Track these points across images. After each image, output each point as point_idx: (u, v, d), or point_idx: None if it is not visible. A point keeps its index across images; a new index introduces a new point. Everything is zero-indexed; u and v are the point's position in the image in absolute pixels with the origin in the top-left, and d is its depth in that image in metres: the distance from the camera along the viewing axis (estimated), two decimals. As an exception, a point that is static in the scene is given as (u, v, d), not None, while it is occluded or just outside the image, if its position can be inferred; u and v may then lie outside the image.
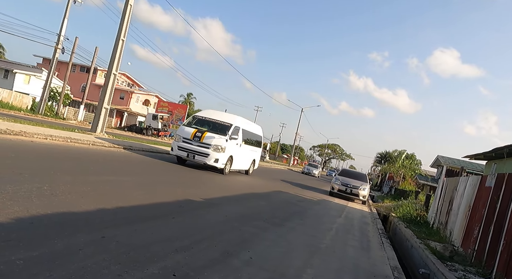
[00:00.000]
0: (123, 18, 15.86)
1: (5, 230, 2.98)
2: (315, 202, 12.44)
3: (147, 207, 5.21)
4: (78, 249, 2.94)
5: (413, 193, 19.62)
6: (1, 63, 40.00)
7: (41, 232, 3.13)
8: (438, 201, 11.04)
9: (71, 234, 3.26)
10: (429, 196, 13.86)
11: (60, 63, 33.32)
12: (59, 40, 24.56)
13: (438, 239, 8.02)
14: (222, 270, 3.35)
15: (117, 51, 15.77)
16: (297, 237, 5.86)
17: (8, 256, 2.52)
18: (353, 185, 15.48)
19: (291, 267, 4.09)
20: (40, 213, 3.60)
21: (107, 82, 15.86)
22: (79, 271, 2.55)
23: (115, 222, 4.01)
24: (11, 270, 2.34)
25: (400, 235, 9.39)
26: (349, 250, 5.88)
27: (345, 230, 7.77)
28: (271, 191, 12.37)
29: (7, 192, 3.99)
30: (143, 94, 51.11)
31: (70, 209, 4.00)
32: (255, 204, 8.55)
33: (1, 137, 8.45)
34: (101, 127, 15.81)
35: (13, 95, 29.26)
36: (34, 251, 2.70)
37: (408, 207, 13.08)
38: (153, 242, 3.63)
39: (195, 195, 7.28)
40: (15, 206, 3.59)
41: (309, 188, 18.34)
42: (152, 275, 2.83)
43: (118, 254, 3.05)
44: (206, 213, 5.91)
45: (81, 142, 11.09)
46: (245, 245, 4.50)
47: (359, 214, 11.69)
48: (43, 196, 4.19)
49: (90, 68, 31.59)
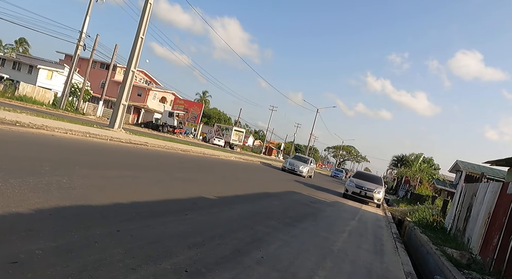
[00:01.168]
0: (143, 16, 16.13)
1: (26, 220, 3.09)
2: (329, 203, 12.32)
3: (161, 203, 5.29)
4: (94, 242, 3.01)
5: (430, 198, 19.16)
6: (26, 59, 41.47)
7: (60, 224, 3.22)
8: (456, 207, 10.74)
9: (87, 226, 3.34)
10: (446, 201, 13.50)
11: (81, 60, 34.20)
12: (81, 37, 25.21)
13: (455, 246, 7.80)
14: (233, 268, 3.37)
15: (136, 48, 16.06)
16: (310, 238, 5.82)
17: (29, 245, 2.61)
18: (368, 188, 15.24)
19: (303, 268, 4.06)
20: (59, 204, 3.71)
21: (125, 79, 16.17)
22: (95, 263, 2.61)
23: (130, 216, 4.09)
24: (30, 259, 2.42)
25: (415, 240, 9.18)
26: (362, 254, 5.79)
27: (358, 233, 7.66)
28: (284, 191, 12.33)
29: (28, 184, 4.13)
30: (160, 92, 51.86)
31: (87, 202, 4.11)
32: (268, 204, 8.55)
33: (25, 130, 8.75)
34: (119, 123, 16.14)
35: (36, 90, 30.22)
36: (52, 241, 2.79)
37: (425, 212, 12.77)
38: (166, 238, 3.68)
39: (209, 192, 7.33)
40: (35, 197, 3.71)
41: (323, 189, 18.18)
42: (165, 270, 2.87)
43: (132, 248, 3.10)
44: (219, 211, 5.94)
45: (99, 137, 11.35)
46: (257, 244, 4.50)
47: (373, 217, 11.50)
48: (62, 189, 4.31)
49: (109, 65, 32.29)
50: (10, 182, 4.02)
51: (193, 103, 51.61)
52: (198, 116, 48.04)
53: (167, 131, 37.50)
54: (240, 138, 47.92)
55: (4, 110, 11.32)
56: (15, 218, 3.09)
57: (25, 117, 10.54)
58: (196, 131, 47.26)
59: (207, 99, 69.03)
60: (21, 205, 3.38)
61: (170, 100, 52.64)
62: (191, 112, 47.50)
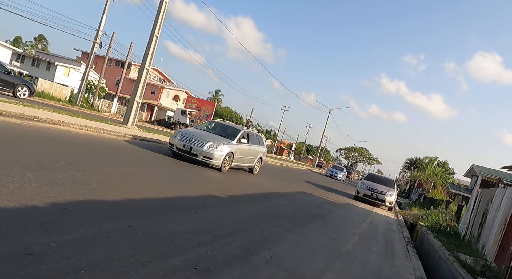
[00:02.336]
0: (158, 15, 16.31)
1: (41, 213, 3.17)
2: (339, 205, 12.21)
3: (172, 200, 5.34)
4: (106, 236, 3.06)
5: (444, 202, 18.77)
6: (45, 56, 42.54)
7: (74, 218, 3.30)
8: (470, 212, 10.49)
9: (100, 221, 3.40)
10: (461, 206, 13.20)
11: (97, 57, 34.83)
12: (98, 35, 25.67)
13: (469, 252, 7.63)
14: (242, 267, 3.38)
15: (150, 47, 16.25)
16: (319, 240, 5.78)
17: (44, 238, 2.68)
18: (380, 190, 15.04)
19: (311, 269, 4.04)
20: (73, 199, 3.79)
21: (140, 77, 16.39)
22: (106, 257, 2.66)
23: (141, 212, 4.14)
24: (45, 252, 2.48)
25: (428, 245, 9.01)
26: (372, 257, 5.72)
27: (369, 236, 7.57)
28: (294, 192, 12.28)
29: (44, 178, 4.23)
30: (173, 90, 52.40)
31: (101, 197, 4.18)
32: (278, 204, 8.53)
33: (42, 126, 8.98)
34: (132, 120, 16.37)
35: (54, 87, 30.96)
36: (66, 235, 2.85)
37: (438, 216, 12.52)
38: (176, 235, 3.72)
39: (219, 191, 7.37)
40: (51, 191, 3.80)
41: (333, 190, 18.04)
42: (175, 266, 2.90)
43: (143, 244, 3.15)
44: (228, 209, 5.96)
45: (113, 134, 11.55)
46: (266, 243, 4.50)
47: (384, 221, 11.34)
48: (77, 184, 4.41)
49: (125, 62, 32.80)
50: (27, 175, 4.13)
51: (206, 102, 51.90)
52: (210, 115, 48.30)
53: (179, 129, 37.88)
54: (251, 138, 47.88)
55: (23, 106, 11.64)
56: (31, 210, 3.17)
57: (43, 113, 10.81)
58: (208, 130, 47.46)
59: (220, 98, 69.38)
60: (37, 198, 3.47)
61: (183, 98, 53.12)
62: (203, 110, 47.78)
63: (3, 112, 8.50)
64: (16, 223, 2.84)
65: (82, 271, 2.36)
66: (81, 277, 2.28)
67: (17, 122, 8.35)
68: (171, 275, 2.72)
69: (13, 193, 3.44)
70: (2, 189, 3.46)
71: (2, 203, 3.14)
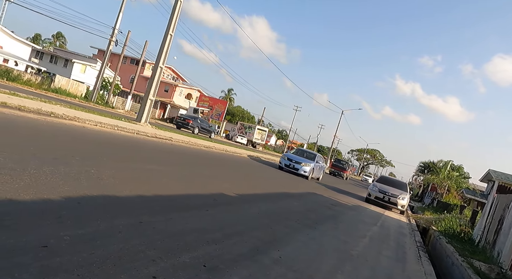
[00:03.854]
0: (173, 13, 16.46)
1: (56, 207, 3.25)
2: (350, 207, 12.09)
3: (183, 197, 5.39)
4: (118, 232, 3.11)
5: (458, 207, 18.37)
6: (62, 53, 43.54)
7: (87, 212, 3.36)
8: (486, 218, 10.22)
9: (112, 216, 3.46)
10: (476, 211, 12.89)
11: (112, 55, 35.45)
12: (114, 33, 26.10)
13: (484, 259, 7.44)
14: (250, 266, 3.38)
15: (165, 45, 16.43)
16: (329, 241, 5.74)
17: (58, 231, 2.74)
18: (392, 193, 14.81)
19: (320, 271, 4.01)
20: (86, 194, 3.87)
21: (154, 75, 16.59)
22: (118, 252, 2.71)
23: (152, 209, 4.20)
24: (59, 245, 2.54)
25: (440, 250, 8.83)
26: (383, 260, 5.64)
27: (380, 239, 7.47)
28: (304, 192, 12.22)
29: (60, 173, 4.33)
30: (186, 88, 52.83)
31: (113, 193, 4.26)
32: (288, 204, 8.50)
33: (58, 121, 9.19)
34: (146, 117, 16.59)
35: (70, 83, 31.64)
36: (80, 229, 2.91)
37: (451, 221, 12.25)
38: (186, 232, 3.75)
39: (229, 189, 7.39)
40: (66, 186, 3.89)
41: (344, 192, 17.87)
42: (184, 263, 2.92)
43: (154, 240, 3.18)
44: (238, 208, 5.98)
45: (127, 131, 11.73)
46: (275, 244, 4.49)
47: (396, 224, 11.17)
48: (90, 179, 4.50)
49: (139, 60, 33.25)
50: (44, 169, 4.24)
51: (218, 101, 52.19)
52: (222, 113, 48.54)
53: (191, 127, 38.11)
54: (262, 137, 47.99)
55: (41, 102, 11.93)
56: (47, 204, 3.25)
57: (59, 109, 11.06)
58: (220, 129, 47.78)
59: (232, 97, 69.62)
60: (52, 192, 3.56)
61: (195, 97, 53.52)
62: (216, 109, 48.05)
63: (22, 108, 8.75)
64: (32, 215, 2.91)
65: (94, 265, 2.40)
66: (93, 271, 2.33)
67: (35, 118, 8.57)
68: (180, 271, 2.75)
69: (29, 186, 3.53)
70: (19, 182, 3.56)
71: (19, 195, 3.22)
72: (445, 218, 13.15)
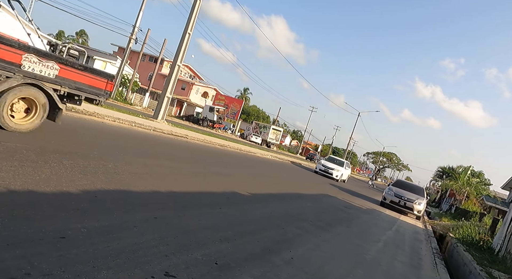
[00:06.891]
0: (192, 12, 16.63)
1: (75, 199, 3.34)
2: (364, 210, 11.90)
3: (197, 195, 5.44)
4: (133, 226, 3.17)
5: (477, 215, 17.78)
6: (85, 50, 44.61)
7: (103, 206, 3.44)
8: (507, 227, 9.85)
9: (128, 211, 3.53)
10: (496, 220, 12.42)
11: (132, 52, 36.13)
12: (134, 31, 26.60)
13: (503, 269, 7.18)
14: (262, 266, 3.37)
15: (183, 44, 16.62)
16: (342, 244, 5.66)
17: (75, 223, 2.82)
18: (408, 198, 14.48)
19: (332, 274, 3.97)
20: (103, 188, 3.96)
21: (171, 73, 16.81)
22: (132, 246, 2.76)
23: (167, 205, 4.25)
24: (76, 236, 2.61)
25: (458, 258, 8.57)
26: (397, 266, 5.52)
27: (394, 244, 7.32)
28: (317, 194, 12.12)
29: (79, 166, 4.45)
30: (202, 87, 53.27)
31: (129, 188, 4.34)
32: (301, 205, 8.45)
33: (78, 116, 9.45)
34: (162, 115, 16.84)
35: (91, 80, 32.39)
36: (96, 222, 2.98)
37: (470, 228, 11.86)
38: (199, 229, 3.78)
39: (242, 188, 7.41)
40: (84, 179, 4.00)
41: (359, 195, 17.61)
42: (196, 260, 2.95)
43: (167, 236, 3.23)
44: (251, 208, 5.99)
45: (144, 127, 11.93)
46: (287, 244, 4.47)
47: (411, 229, 10.93)
48: (108, 173, 4.60)
49: (158, 58, 33.77)
50: (63, 163, 4.36)
51: (234, 100, 52.40)
52: (237, 112, 48.74)
53: (206, 126, 38.49)
54: (277, 137, 47.87)
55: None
56: (65, 196, 3.35)
57: (80, 104, 11.35)
58: (235, 128, 47.97)
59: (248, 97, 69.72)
60: (71, 185, 3.66)
61: (211, 95, 53.89)
62: (231, 108, 48.30)
63: (45, 102, 9.02)
64: (51, 207, 3.01)
65: (109, 258, 2.46)
66: (108, 263, 2.38)
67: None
68: (192, 268, 2.77)
69: (50, 178, 3.65)
70: (40, 174, 3.68)
71: (40, 187, 3.33)
72: (463, 225, 12.75)
